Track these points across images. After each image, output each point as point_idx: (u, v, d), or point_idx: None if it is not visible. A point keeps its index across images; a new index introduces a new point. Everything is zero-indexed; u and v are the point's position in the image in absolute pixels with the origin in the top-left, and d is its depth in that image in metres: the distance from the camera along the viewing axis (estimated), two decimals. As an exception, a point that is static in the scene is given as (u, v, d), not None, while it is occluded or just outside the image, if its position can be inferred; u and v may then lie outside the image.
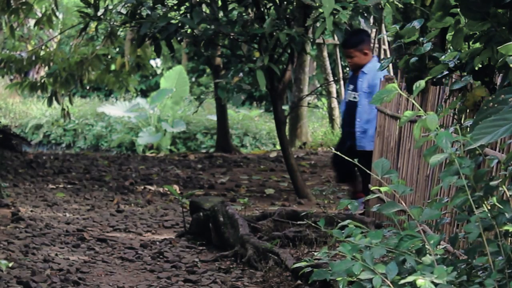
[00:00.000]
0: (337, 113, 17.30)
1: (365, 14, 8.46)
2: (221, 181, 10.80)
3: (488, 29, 4.52)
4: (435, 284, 3.16)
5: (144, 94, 24.03)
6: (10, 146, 13.10)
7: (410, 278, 3.17)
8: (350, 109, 7.96)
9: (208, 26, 8.71)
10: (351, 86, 8.01)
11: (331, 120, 17.28)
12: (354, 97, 7.91)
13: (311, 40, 9.03)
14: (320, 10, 8.40)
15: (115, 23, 10.58)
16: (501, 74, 4.53)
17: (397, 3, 8.64)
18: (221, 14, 9.15)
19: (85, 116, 21.27)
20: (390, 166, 3.65)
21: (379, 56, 15.84)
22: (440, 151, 3.47)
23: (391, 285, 3.25)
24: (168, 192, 9.59)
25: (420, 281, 3.12)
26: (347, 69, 22.00)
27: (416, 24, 5.17)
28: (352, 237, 3.50)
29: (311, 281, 3.61)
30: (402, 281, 3.21)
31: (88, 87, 23.78)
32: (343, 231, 3.58)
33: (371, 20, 9.36)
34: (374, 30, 15.72)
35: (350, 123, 7.95)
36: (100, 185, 10.10)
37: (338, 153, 4.24)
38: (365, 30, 8.44)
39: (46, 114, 21.51)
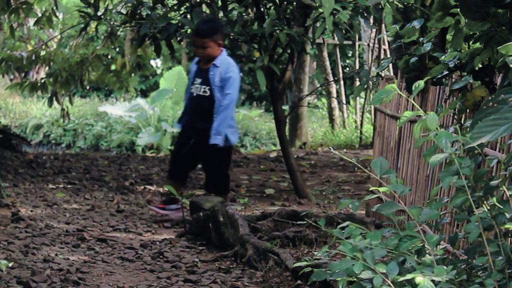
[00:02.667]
0: (337, 113, 17.31)
1: (365, 14, 8.46)
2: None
3: (488, 29, 4.53)
4: (435, 283, 3.17)
5: (144, 94, 24.04)
6: (10, 146, 13.10)
7: (409, 276, 3.17)
8: (199, 103, 7.52)
9: (208, 26, 8.71)
10: (199, 80, 7.53)
11: (331, 120, 17.29)
12: (205, 91, 7.47)
13: (311, 40, 9.03)
14: (320, 10, 8.40)
15: (115, 23, 10.59)
16: (501, 74, 4.53)
17: (397, 3, 8.64)
18: (221, 14, 9.15)
19: (85, 116, 21.27)
20: (390, 166, 3.66)
21: (378, 56, 15.85)
22: (440, 151, 3.47)
23: (391, 284, 3.25)
24: (168, 192, 9.58)
25: (419, 279, 3.13)
26: (347, 69, 22.02)
27: (416, 24, 5.18)
28: (351, 238, 3.50)
29: (311, 281, 3.61)
30: (401, 279, 3.21)
31: (88, 87, 23.80)
32: (343, 231, 3.58)
33: (371, 20, 9.37)
34: (374, 30, 15.75)
35: (199, 119, 7.51)
36: (100, 185, 10.10)
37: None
38: (218, 20, 8.14)
39: (46, 114, 21.53)
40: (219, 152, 7.56)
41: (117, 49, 16.23)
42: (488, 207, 3.45)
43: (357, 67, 15.69)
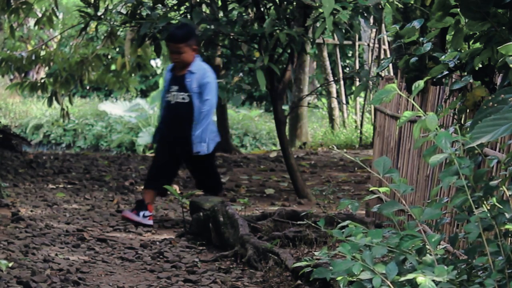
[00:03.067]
0: (337, 113, 17.32)
1: (365, 14, 8.46)
2: (221, 181, 10.79)
3: (488, 29, 4.53)
4: (436, 283, 3.16)
5: (144, 94, 24.04)
6: (10, 146, 13.10)
7: (410, 276, 3.17)
8: (179, 111, 7.36)
9: (208, 26, 8.71)
10: (175, 87, 7.36)
11: (331, 120, 17.30)
12: (183, 98, 7.32)
13: (311, 40, 9.03)
14: (320, 10, 8.41)
15: (115, 23, 10.59)
16: (501, 74, 4.53)
17: (397, 3, 8.64)
18: (221, 14, 9.15)
19: (85, 116, 21.28)
20: (390, 166, 3.65)
21: (378, 56, 15.85)
22: (440, 151, 3.47)
23: (391, 285, 3.25)
24: (168, 192, 9.58)
25: (420, 279, 3.12)
26: (347, 69, 22.02)
27: (416, 24, 5.18)
28: (352, 237, 3.50)
29: (312, 280, 3.61)
30: (402, 278, 3.21)
31: (88, 87, 23.81)
32: (343, 231, 3.58)
33: (371, 20, 9.36)
34: (374, 30, 15.75)
35: (179, 126, 7.37)
36: (100, 185, 10.10)
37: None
38: (192, 25, 8.03)
39: (46, 114, 21.53)
40: (203, 156, 7.51)
41: (117, 49, 16.24)
42: (488, 207, 3.45)
43: (357, 67, 15.69)
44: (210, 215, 6.76)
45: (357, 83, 10.80)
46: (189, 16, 8.78)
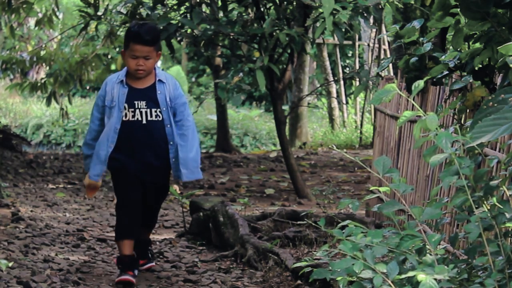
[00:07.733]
0: (337, 113, 17.32)
1: (365, 14, 8.46)
2: (221, 181, 10.80)
3: (488, 29, 4.53)
4: (436, 282, 3.16)
5: (144, 94, 24.02)
6: (10, 146, 13.10)
7: (410, 273, 3.17)
8: (152, 132, 5.60)
9: (208, 26, 8.72)
10: (142, 102, 5.59)
11: (331, 120, 17.30)
12: (157, 115, 5.57)
13: (311, 40, 9.04)
14: (320, 10, 8.41)
15: (115, 23, 10.58)
16: (501, 74, 4.53)
17: (397, 3, 8.64)
18: (221, 14, 9.15)
19: (85, 116, 21.27)
20: (390, 166, 3.65)
21: (378, 56, 15.85)
22: (440, 151, 3.47)
23: (392, 284, 3.24)
24: (168, 192, 9.57)
25: (421, 276, 3.12)
26: (347, 69, 22.00)
27: (416, 24, 5.18)
28: (352, 237, 3.50)
29: (311, 281, 3.61)
30: (403, 276, 3.21)
31: (88, 87, 23.81)
32: (343, 231, 3.58)
33: (371, 20, 9.37)
34: (374, 30, 15.75)
35: (153, 151, 5.63)
36: (100, 185, 10.10)
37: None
38: (155, 23, 7.11)
39: (46, 114, 21.53)
40: (167, 188, 5.99)
41: (117, 49, 16.25)
42: (488, 207, 3.44)
43: (357, 67, 15.69)
44: (210, 215, 6.76)
45: (357, 83, 10.81)
46: (189, 16, 8.79)
